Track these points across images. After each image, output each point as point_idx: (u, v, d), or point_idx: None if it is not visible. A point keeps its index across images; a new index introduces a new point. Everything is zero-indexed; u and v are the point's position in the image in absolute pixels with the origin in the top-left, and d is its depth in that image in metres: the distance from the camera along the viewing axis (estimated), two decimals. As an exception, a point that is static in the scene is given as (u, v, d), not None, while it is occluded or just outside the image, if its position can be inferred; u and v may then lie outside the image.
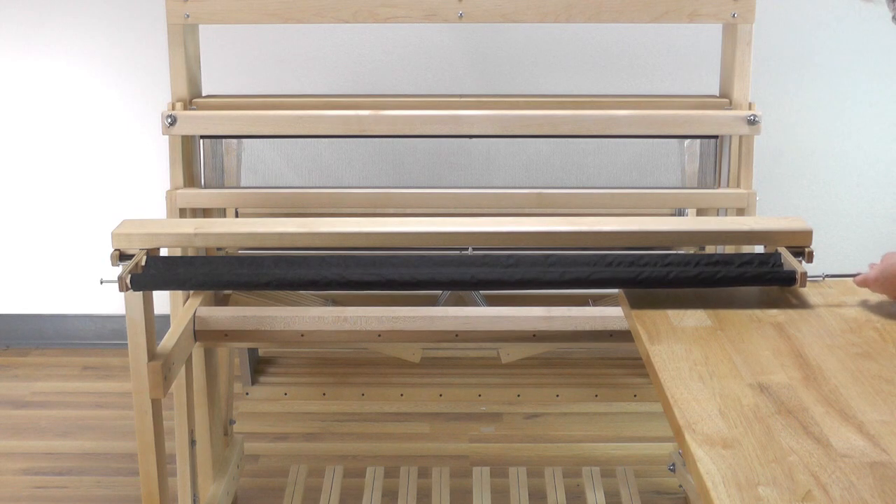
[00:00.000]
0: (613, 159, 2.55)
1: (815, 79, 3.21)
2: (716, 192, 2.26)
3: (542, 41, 3.18)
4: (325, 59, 3.20)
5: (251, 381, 2.89)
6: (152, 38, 3.16)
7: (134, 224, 1.88)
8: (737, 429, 1.31)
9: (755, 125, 2.20)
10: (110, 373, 3.27)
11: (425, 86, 3.21)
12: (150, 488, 1.94)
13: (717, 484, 1.19)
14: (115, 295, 1.88)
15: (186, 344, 2.08)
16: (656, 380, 1.47)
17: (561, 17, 2.23)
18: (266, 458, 2.79)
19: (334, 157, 2.86)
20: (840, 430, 1.31)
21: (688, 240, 1.93)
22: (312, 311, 2.17)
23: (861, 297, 1.75)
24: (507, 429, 2.93)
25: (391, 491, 2.56)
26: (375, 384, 2.89)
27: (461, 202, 2.25)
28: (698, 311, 1.69)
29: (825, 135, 3.27)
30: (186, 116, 2.21)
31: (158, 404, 1.92)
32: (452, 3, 2.22)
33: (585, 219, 1.95)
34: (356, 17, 2.23)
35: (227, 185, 2.36)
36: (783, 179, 3.31)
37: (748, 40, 2.23)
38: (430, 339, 2.18)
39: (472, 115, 2.20)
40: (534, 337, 2.16)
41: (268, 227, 1.91)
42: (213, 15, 2.22)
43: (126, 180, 3.31)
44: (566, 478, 2.61)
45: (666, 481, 2.64)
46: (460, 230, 1.90)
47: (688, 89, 3.11)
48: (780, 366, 1.49)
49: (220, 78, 3.05)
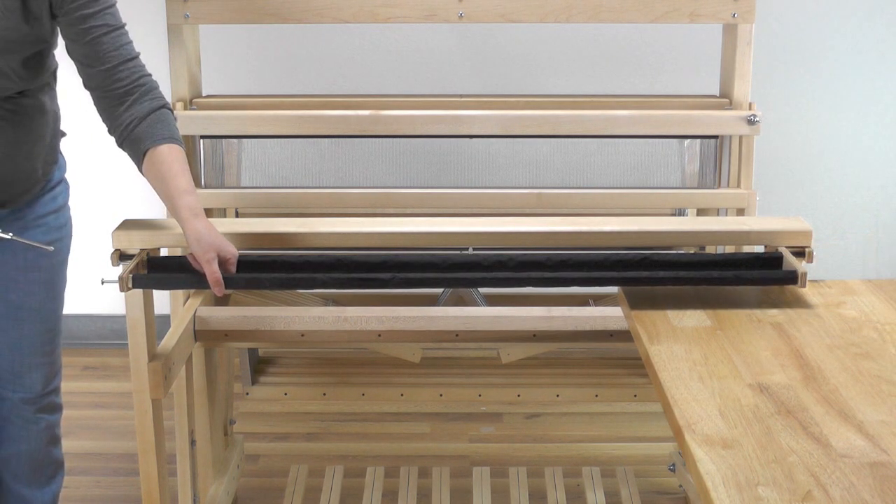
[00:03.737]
0: (614, 159, 2.55)
1: (815, 79, 3.21)
2: (716, 192, 2.26)
3: (542, 41, 3.18)
4: (325, 59, 3.20)
5: (251, 381, 2.89)
6: (152, 38, 3.16)
7: (134, 224, 1.88)
8: (737, 429, 1.31)
9: (755, 125, 2.20)
10: (110, 373, 3.27)
11: (425, 86, 3.21)
12: (150, 488, 1.94)
13: (717, 484, 1.19)
14: (116, 295, 1.88)
15: (186, 344, 2.08)
16: (656, 380, 1.47)
17: (561, 17, 2.23)
18: (266, 458, 2.79)
19: (334, 158, 2.86)
20: (840, 431, 1.31)
21: (688, 240, 1.93)
22: (312, 311, 2.17)
23: (861, 298, 1.75)
24: (507, 429, 2.93)
25: (391, 491, 2.56)
26: (375, 384, 2.89)
27: (461, 202, 2.25)
28: (698, 311, 1.69)
29: (825, 135, 3.27)
30: (186, 116, 2.21)
31: (158, 404, 1.92)
32: (452, 3, 2.22)
33: (585, 219, 1.95)
34: (356, 17, 2.24)
35: (227, 185, 2.36)
36: (783, 179, 3.31)
37: (748, 40, 2.23)
38: (430, 339, 2.18)
39: (473, 115, 2.21)
40: (534, 337, 2.16)
41: (268, 227, 1.91)
42: (213, 15, 2.22)
43: (126, 180, 3.31)
44: (566, 478, 2.61)
45: (666, 481, 2.64)
46: (460, 230, 1.90)
47: (688, 89, 3.11)
48: (779, 366, 1.49)
49: (220, 78, 3.06)
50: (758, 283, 1.78)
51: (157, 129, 1.79)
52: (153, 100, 1.81)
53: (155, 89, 1.83)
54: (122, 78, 1.79)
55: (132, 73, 1.81)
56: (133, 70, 1.81)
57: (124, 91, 1.80)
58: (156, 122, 1.79)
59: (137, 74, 1.81)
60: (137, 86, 1.81)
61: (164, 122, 1.81)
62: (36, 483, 2.12)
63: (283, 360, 2.96)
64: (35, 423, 2.06)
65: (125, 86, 1.80)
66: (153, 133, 1.79)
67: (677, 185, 2.43)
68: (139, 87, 1.81)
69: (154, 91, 1.83)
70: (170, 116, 1.83)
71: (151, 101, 1.81)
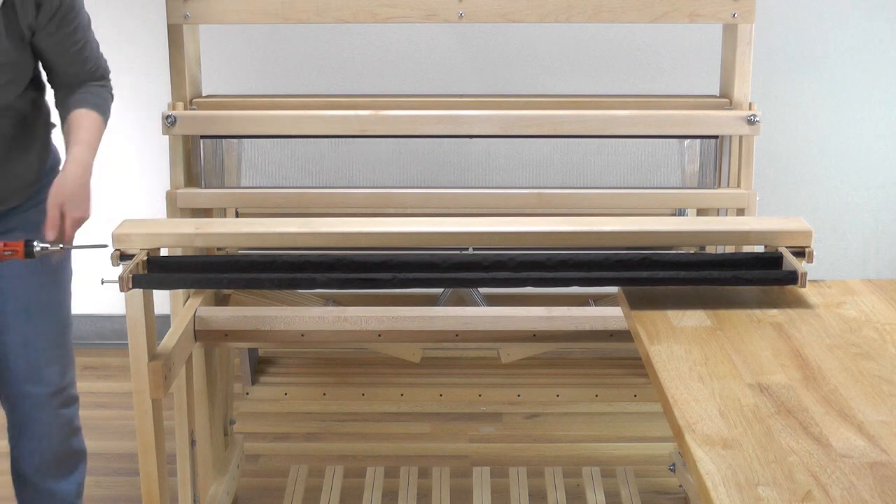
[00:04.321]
0: (614, 159, 2.55)
1: (815, 79, 3.21)
2: (716, 192, 2.26)
3: (542, 41, 3.18)
4: (326, 59, 3.20)
5: (251, 381, 2.88)
6: (152, 38, 3.16)
7: (134, 224, 1.88)
8: (737, 429, 1.31)
9: (755, 125, 2.20)
10: (110, 373, 3.27)
11: (425, 86, 3.21)
12: (150, 488, 1.94)
13: (717, 484, 1.19)
14: (116, 295, 1.88)
15: (186, 344, 2.08)
16: (656, 380, 1.47)
17: (561, 17, 2.23)
18: (266, 458, 2.79)
19: (334, 158, 2.86)
20: (840, 431, 1.31)
21: (688, 240, 1.93)
22: (312, 311, 2.17)
23: (861, 298, 1.75)
24: (507, 429, 2.93)
25: (391, 491, 2.56)
26: (375, 384, 2.89)
27: (461, 202, 2.25)
28: (698, 311, 1.69)
29: (825, 135, 3.27)
30: (186, 116, 2.21)
31: (158, 404, 1.92)
32: (452, 3, 2.22)
33: (585, 219, 1.95)
34: (356, 17, 2.23)
35: (227, 185, 2.35)
36: (783, 179, 3.31)
37: (748, 40, 2.23)
38: (430, 339, 2.18)
39: (473, 115, 2.20)
40: (534, 337, 2.16)
41: (268, 227, 1.91)
42: (213, 15, 2.22)
43: (126, 180, 3.31)
44: (566, 478, 2.61)
45: (666, 481, 2.64)
46: (460, 230, 1.90)
47: (688, 89, 3.11)
48: (779, 366, 1.49)
49: (220, 78, 3.06)
50: (758, 283, 1.78)
51: (88, 98, 1.97)
52: (102, 83, 2.03)
53: (106, 77, 2.04)
54: (86, 76, 1.99)
55: (93, 72, 2.00)
56: (95, 69, 2.00)
57: (81, 82, 1.99)
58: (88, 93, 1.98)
59: (100, 72, 2.02)
60: (94, 77, 2.01)
61: (97, 95, 1.99)
62: (60, 475, 2.16)
63: (283, 360, 2.96)
64: (55, 416, 2.11)
65: (84, 79, 1.99)
66: (85, 100, 1.96)
67: (677, 186, 2.43)
68: (95, 77, 2.02)
69: (106, 79, 2.04)
70: (105, 94, 2.02)
71: (102, 85, 2.03)
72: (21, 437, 2.10)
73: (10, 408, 2.09)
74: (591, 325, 2.15)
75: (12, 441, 2.12)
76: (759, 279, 1.77)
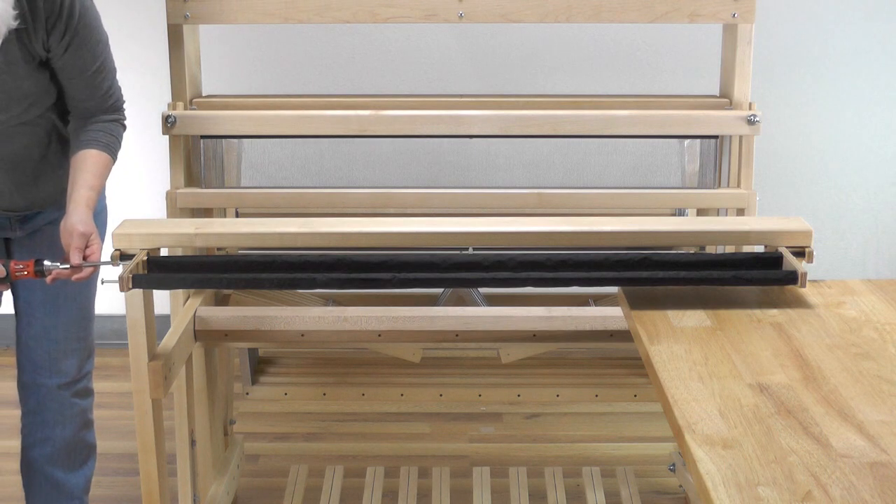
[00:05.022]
0: (614, 159, 2.55)
1: (815, 79, 3.21)
2: (716, 192, 2.26)
3: (542, 41, 3.18)
4: (325, 59, 3.20)
5: (251, 381, 2.88)
6: (152, 38, 3.16)
7: (134, 224, 1.88)
8: (737, 429, 1.31)
9: (755, 125, 2.20)
10: (110, 373, 3.27)
11: (425, 86, 3.21)
12: (150, 488, 1.94)
13: (717, 484, 1.19)
14: (116, 295, 1.88)
15: (186, 344, 2.08)
16: (656, 380, 1.47)
17: (561, 17, 2.23)
18: (266, 458, 2.79)
19: (335, 157, 2.86)
20: (840, 431, 1.31)
21: (688, 240, 1.93)
22: (312, 311, 2.17)
23: (861, 298, 1.75)
24: (507, 429, 2.93)
25: (391, 491, 2.56)
26: (375, 384, 2.89)
27: (461, 202, 2.25)
28: (698, 311, 1.69)
29: (825, 135, 3.27)
30: (186, 116, 2.21)
31: (158, 404, 1.92)
32: (452, 3, 2.22)
33: (585, 219, 1.95)
34: (356, 17, 2.23)
35: (227, 185, 2.35)
36: (783, 179, 3.31)
37: (748, 40, 2.23)
38: (430, 339, 2.18)
39: (473, 115, 2.20)
40: (534, 337, 2.16)
41: (268, 227, 1.91)
42: (213, 15, 2.22)
43: (126, 180, 3.31)
44: (566, 478, 2.61)
45: (666, 481, 2.64)
46: (461, 230, 1.90)
47: (688, 89, 3.11)
48: (779, 366, 1.49)
49: (220, 78, 3.06)
50: (758, 283, 1.78)
51: (100, 137, 1.95)
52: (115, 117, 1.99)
53: (120, 109, 2.00)
54: (97, 106, 1.96)
55: (106, 101, 1.97)
56: (107, 97, 1.97)
57: (93, 114, 1.96)
58: (100, 131, 1.95)
59: (113, 99, 1.98)
60: (107, 108, 1.98)
61: (108, 133, 1.96)
62: (69, 466, 2.20)
63: (283, 360, 2.95)
64: (70, 407, 2.15)
65: (96, 111, 1.96)
66: (97, 139, 1.94)
67: (677, 185, 2.43)
68: (109, 108, 1.98)
69: (120, 111, 2.00)
70: (118, 130, 1.99)
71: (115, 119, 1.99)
72: (35, 424, 2.14)
73: (27, 395, 2.13)
74: (591, 325, 2.15)
75: (25, 429, 2.16)
76: (759, 279, 1.77)
